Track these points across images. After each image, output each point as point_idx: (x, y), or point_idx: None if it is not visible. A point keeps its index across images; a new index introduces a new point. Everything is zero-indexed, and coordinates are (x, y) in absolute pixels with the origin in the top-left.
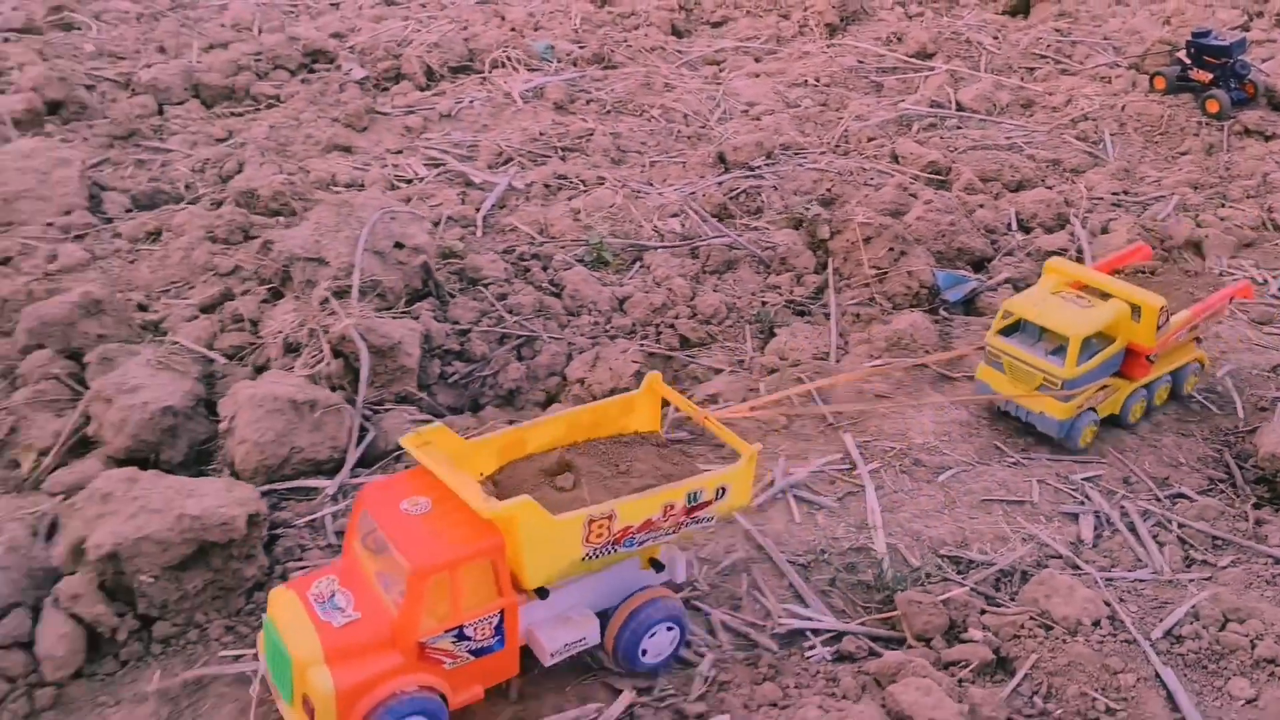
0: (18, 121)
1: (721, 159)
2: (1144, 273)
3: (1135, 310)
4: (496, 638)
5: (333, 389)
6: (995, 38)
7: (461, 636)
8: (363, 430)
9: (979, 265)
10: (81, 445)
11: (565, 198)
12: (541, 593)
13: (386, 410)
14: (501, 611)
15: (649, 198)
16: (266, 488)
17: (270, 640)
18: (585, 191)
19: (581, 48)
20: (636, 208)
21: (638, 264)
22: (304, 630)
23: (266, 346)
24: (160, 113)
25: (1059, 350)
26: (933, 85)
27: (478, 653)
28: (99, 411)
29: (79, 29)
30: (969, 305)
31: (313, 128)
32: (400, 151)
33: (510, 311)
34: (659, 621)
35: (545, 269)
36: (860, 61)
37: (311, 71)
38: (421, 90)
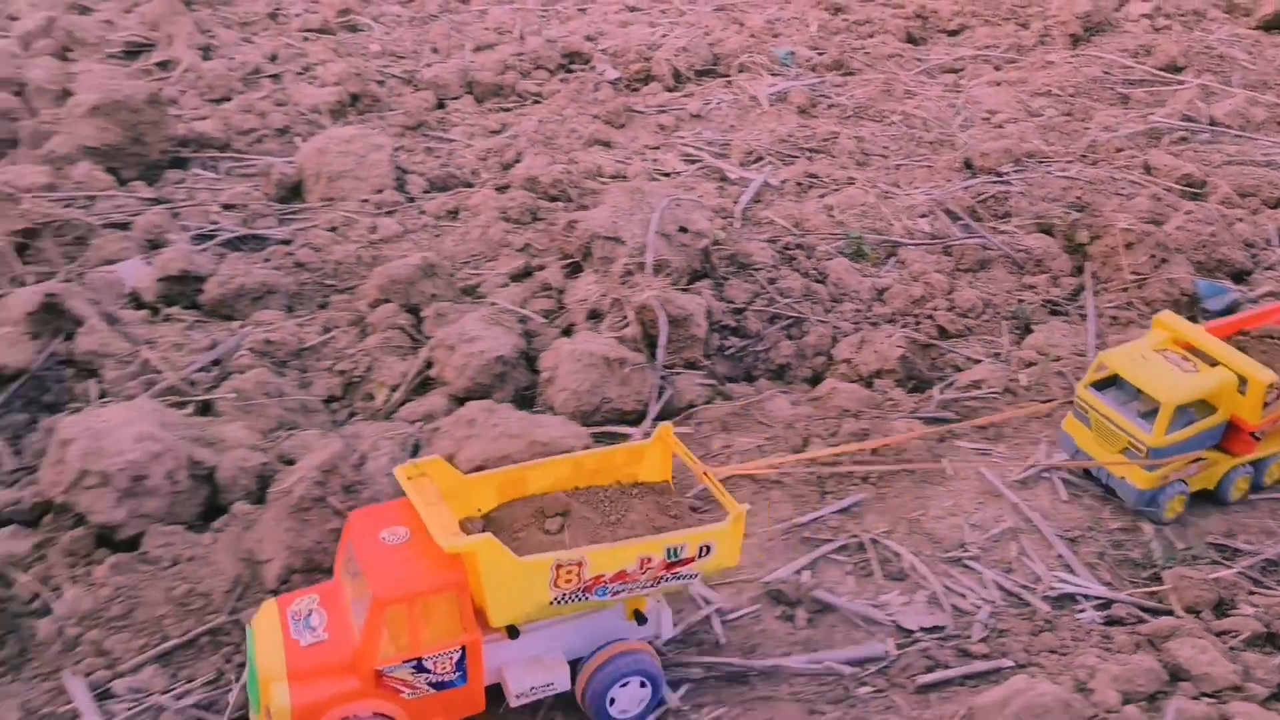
0: (330, 111)
1: (968, 164)
2: (1275, 339)
3: (1243, 382)
4: (458, 673)
5: (634, 351)
6: (1249, 53)
7: (420, 668)
8: (660, 388)
9: (1239, 277)
10: (422, 385)
11: (817, 195)
12: (512, 632)
13: (678, 373)
14: (464, 647)
15: (897, 198)
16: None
17: (249, 651)
18: (836, 190)
19: (820, 54)
20: (886, 207)
21: (893, 259)
22: (274, 646)
23: (572, 312)
24: (441, 106)
25: (1152, 413)
26: (1183, 99)
27: (438, 686)
28: (441, 357)
29: (363, 30)
30: (1228, 315)
31: (576, 123)
32: (658, 147)
33: (780, 294)
34: (627, 675)
35: (809, 258)
36: (1106, 73)
37: (569, 72)
38: (669, 91)
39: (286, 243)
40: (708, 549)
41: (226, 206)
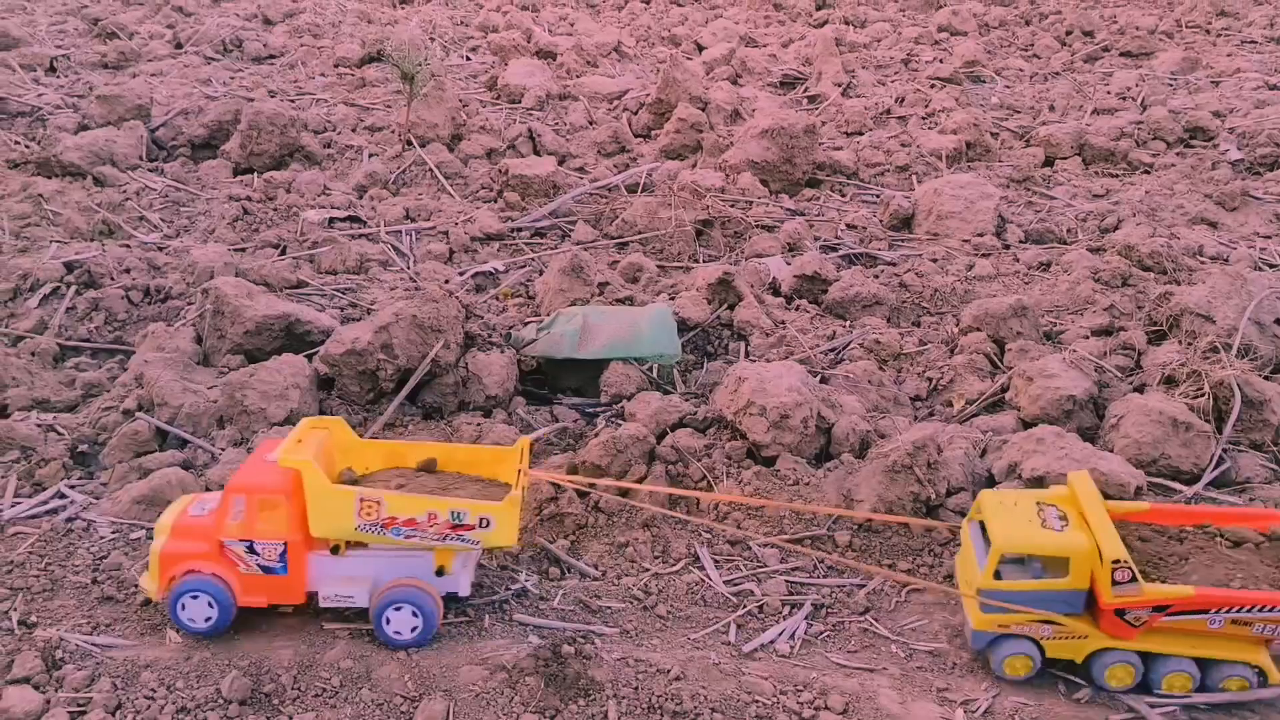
0: (947, 157)
1: None
2: (1271, 539)
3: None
4: (280, 564)
5: (1202, 420)
6: None
7: (252, 550)
8: (1220, 459)
9: None
10: (994, 405)
11: None
12: (334, 549)
13: (1242, 450)
14: (286, 544)
15: None
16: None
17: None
18: None
19: None
20: None
21: None
22: (173, 515)
23: (1147, 373)
24: (1049, 164)
25: (1016, 559)
26: None
27: (265, 569)
28: (1019, 385)
29: (986, 82)
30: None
31: (1184, 199)
32: (1269, 237)
33: None
34: (396, 601)
35: None
36: None
37: (1188, 146)
38: None
39: (893, 264)
40: (487, 522)
41: (849, 226)
